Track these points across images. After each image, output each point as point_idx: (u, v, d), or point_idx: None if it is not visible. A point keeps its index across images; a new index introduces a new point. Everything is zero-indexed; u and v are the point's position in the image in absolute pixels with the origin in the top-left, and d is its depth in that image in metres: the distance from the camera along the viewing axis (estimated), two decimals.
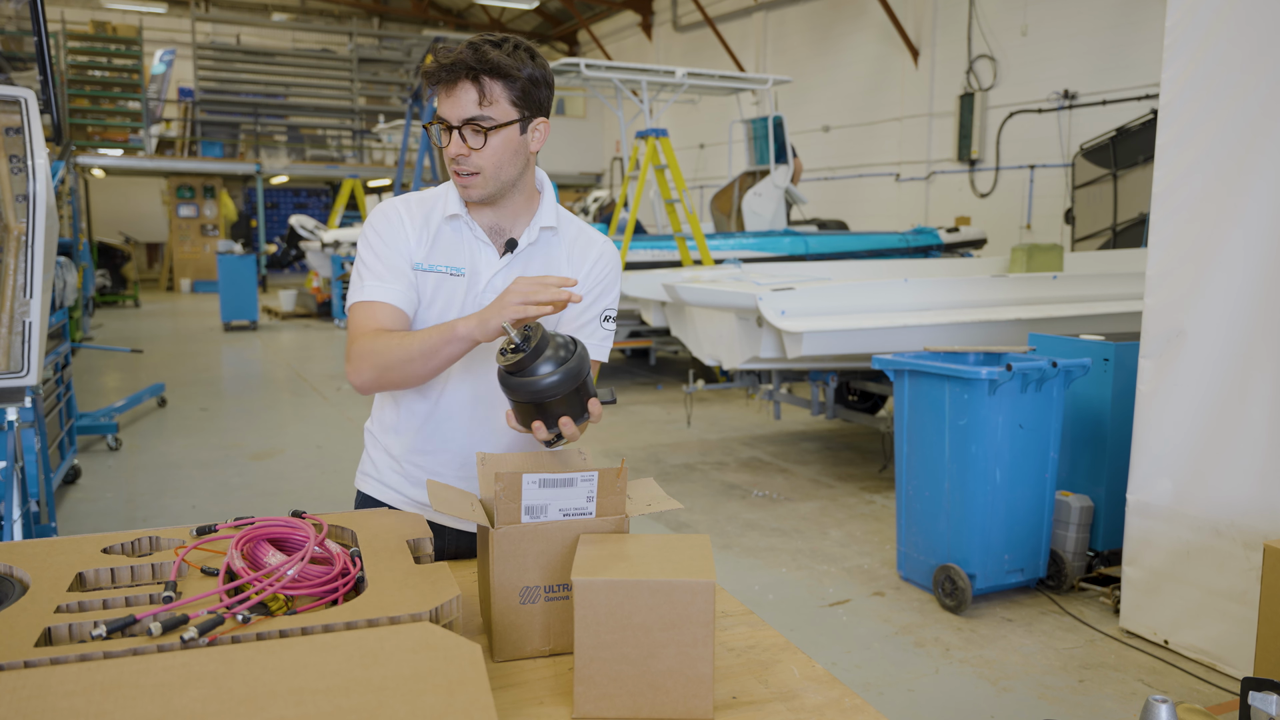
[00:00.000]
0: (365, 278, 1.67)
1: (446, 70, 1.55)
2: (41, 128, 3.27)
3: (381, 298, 1.65)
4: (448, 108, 1.57)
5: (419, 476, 1.77)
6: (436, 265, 1.69)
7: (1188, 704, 1.56)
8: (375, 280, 1.66)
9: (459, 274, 1.69)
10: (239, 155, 20.13)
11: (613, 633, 1.14)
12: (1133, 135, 9.65)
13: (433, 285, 1.69)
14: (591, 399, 1.40)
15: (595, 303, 1.76)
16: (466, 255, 1.70)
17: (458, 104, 1.56)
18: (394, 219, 1.70)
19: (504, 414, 1.72)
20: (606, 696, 1.14)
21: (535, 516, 1.26)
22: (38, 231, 3.16)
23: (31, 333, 3.11)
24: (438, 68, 1.56)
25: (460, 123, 1.57)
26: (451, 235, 1.70)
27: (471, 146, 1.58)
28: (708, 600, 1.13)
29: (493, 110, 1.57)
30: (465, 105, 1.56)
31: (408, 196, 1.74)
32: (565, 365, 1.33)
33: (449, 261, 1.69)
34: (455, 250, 1.70)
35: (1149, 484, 3.47)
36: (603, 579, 1.14)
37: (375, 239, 1.69)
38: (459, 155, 1.59)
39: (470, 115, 1.56)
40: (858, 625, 3.71)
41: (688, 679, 1.14)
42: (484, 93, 1.56)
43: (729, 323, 5.58)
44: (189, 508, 5.21)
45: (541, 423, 1.37)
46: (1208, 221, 3.26)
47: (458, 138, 1.58)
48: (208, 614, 1.06)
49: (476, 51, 1.54)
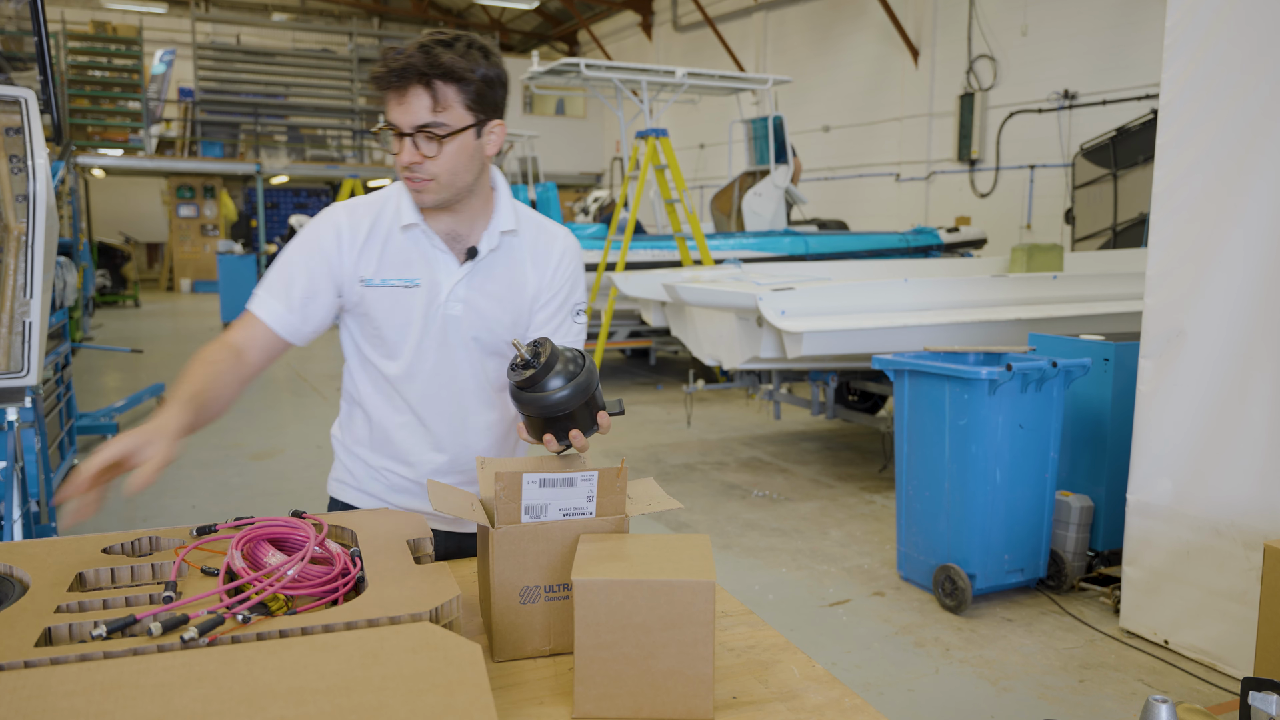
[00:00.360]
0: (265, 285, 1.62)
1: (396, 75, 1.47)
2: (41, 128, 3.27)
3: (261, 314, 1.60)
4: (399, 114, 1.50)
5: (400, 485, 1.75)
6: (389, 279, 1.62)
7: (1188, 704, 1.56)
8: (266, 292, 1.61)
9: (414, 285, 1.62)
10: (239, 155, 20.12)
11: (613, 632, 1.13)
12: (1133, 135, 9.65)
13: (388, 300, 1.63)
14: (600, 411, 1.41)
15: (566, 299, 1.73)
16: (423, 265, 1.63)
17: (409, 110, 1.49)
18: (328, 235, 1.62)
19: (481, 422, 1.71)
20: (606, 696, 1.14)
21: (535, 516, 1.26)
22: (38, 231, 3.16)
23: (31, 333, 3.11)
24: (386, 72, 1.48)
25: (413, 129, 1.50)
26: (406, 245, 1.64)
27: (425, 154, 1.52)
28: (708, 600, 1.13)
29: (447, 116, 1.50)
30: (418, 111, 1.49)
31: (354, 204, 1.66)
32: (575, 380, 1.35)
33: (403, 273, 1.62)
34: (409, 261, 1.63)
35: (1149, 484, 3.47)
36: (603, 579, 1.13)
37: (298, 251, 1.63)
38: (412, 163, 1.52)
39: (424, 121, 1.49)
40: (858, 625, 3.71)
41: (688, 679, 1.14)
42: (437, 98, 1.49)
43: (729, 323, 5.58)
44: (189, 508, 5.21)
45: (552, 435, 1.38)
46: (1208, 221, 3.26)
47: (410, 144, 1.51)
48: (208, 614, 1.06)
49: (428, 54, 1.47)
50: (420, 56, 1.47)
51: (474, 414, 1.72)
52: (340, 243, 1.62)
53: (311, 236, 1.64)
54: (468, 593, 1.49)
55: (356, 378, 1.75)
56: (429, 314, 1.64)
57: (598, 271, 8.43)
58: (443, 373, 1.68)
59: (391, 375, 1.69)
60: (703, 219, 11.97)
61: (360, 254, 1.63)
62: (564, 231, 1.77)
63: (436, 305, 1.64)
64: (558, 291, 1.72)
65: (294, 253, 1.63)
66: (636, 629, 1.13)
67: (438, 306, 1.64)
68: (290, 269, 1.62)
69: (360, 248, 1.63)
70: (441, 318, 1.65)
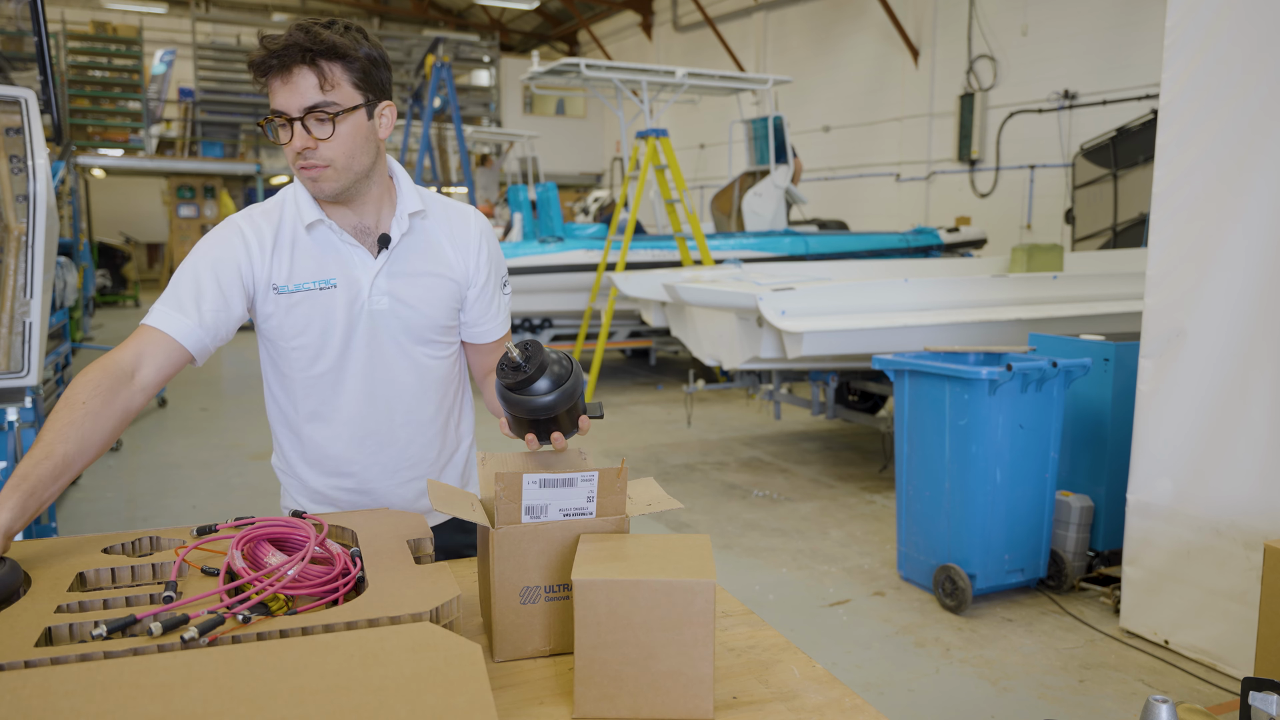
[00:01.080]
0: (165, 299, 1.50)
1: (278, 56, 1.41)
2: (42, 128, 3.28)
3: (165, 327, 1.47)
4: (285, 97, 1.44)
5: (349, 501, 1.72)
6: (303, 284, 1.56)
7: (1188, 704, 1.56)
8: (169, 307, 1.49)
9: (329, 286, 1.56)
10: (239, 155, 20.12)
11: (613, 633, 1.13)
12: (1133, 135, 9.65)
13: (305, 305, 1.56)
14: (582, 416, 1.43)
15: (491, 275, 1.72)
16: (337, 264, 1.57)
17: (296, 91, 1.43)
18: (234, 244, 1.54)
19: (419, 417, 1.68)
20: (607, 697, 1.14)
21: (535, 516, 1.26)
22: (38, 231, 3.16)
23: (32, 333, 3.11)
24: (266, 54, 1.42)
25: (302, 112, 1.44)
26: (313, 245, 1.57)
27: (318, 137, 1.46)
28: (708, 600, 1.13)
29: (336, 95, 1.45)
30: (305, 92, 1.43)
31: (250, 212, 1.59)
32: (562, 386, 1.36)
33: (317, 275, 1.56)
34: (322, 262, 1.57)
35: (1149, 484, 3.46)
36: (603, 579, 1.13)
37: (201, 263, 1.52)
38: (305, 148, 1.46)
39: (313, 102, 1.44)
40: (858, 625, 3.71)
41: (688, 679, 1.14)
42: (324, 76, 1.44)
43: (729, 323, 5.58)
44: (189, 508, 5.21)
45: (534, 435, 1.40)
46: (1208, 221, 3.26)
47: (301, 129, 1.45)
48: (208, 614, 1.06)
49: (308, 33, 1.42)
50: (301, 35, 1.42)
51: (412, 410, 1.69)
52: (250, 251, 1.54)
53: (216, 247, 1.54)
54: (468, 593, 1.49)
55: (279, 397, 1.68)
56: (352, 313, 1.59)
57: (598, 271, 8.43)
58: (375, 372, 1.63)
59: (319, 385, 1.63)
60: (703, 219, 11.97)
61: (271, 261, 1.55)
62: (472, 209, 1.74)
63: (360, 303, 1.59)
64: (485, 270, 1.71)
65: (200, 265, 1.52)
66: (637, 629, 1.13)
67: (361, 304, 1.59)
68: (198, 281, 1.51)
69: (270, 254, 1.55)
70: (367, 314, 1.60)
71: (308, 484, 1.72)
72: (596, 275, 8.45)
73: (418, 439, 1.71)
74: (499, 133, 16.18)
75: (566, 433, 1.41)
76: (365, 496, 1.72)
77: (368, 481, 1.70)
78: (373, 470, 1.70)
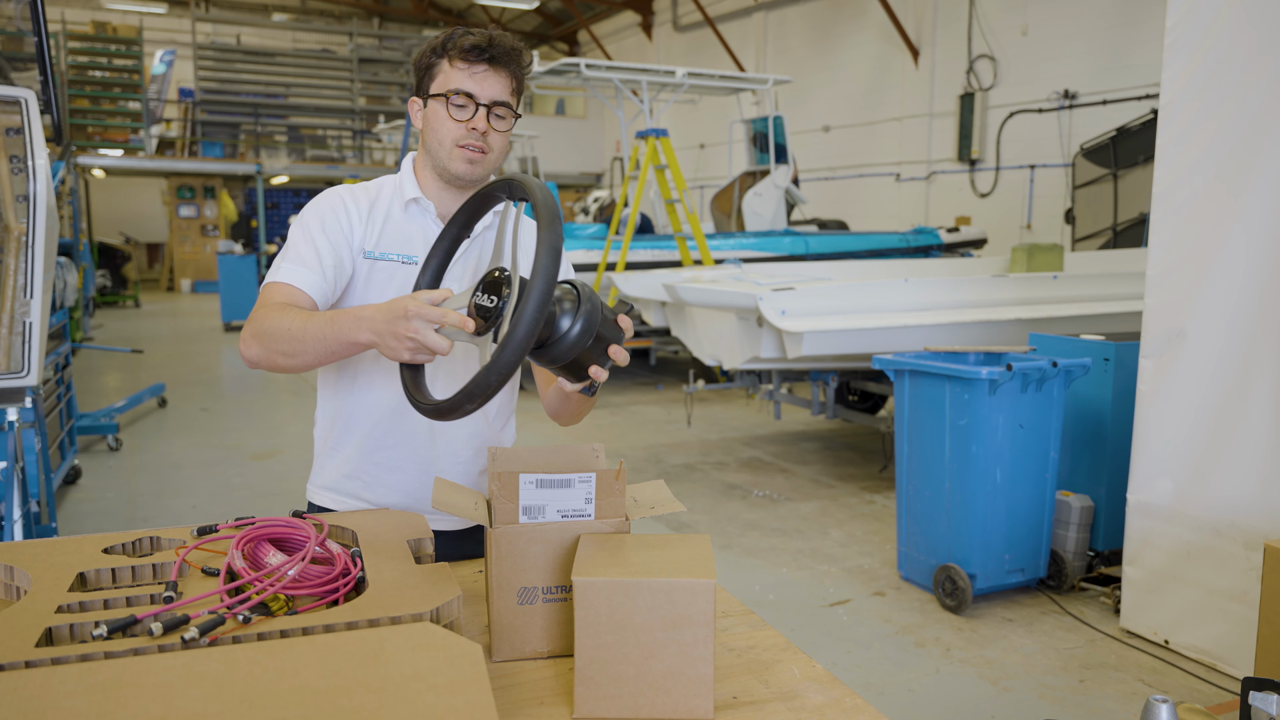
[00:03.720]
0: (285, 259, 1.60)
1: (498, 50, 1.59)
2: (42, 128, 3.27)
3: (293, 281, 1.57)
4: (480, 84, 1.60)
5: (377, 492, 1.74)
6: (388, 253, 1.67)
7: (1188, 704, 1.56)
8: (292, 265, 1.59)
9: (410, 262, 1.66)
10: (239, 155, 20.13)
11: (613, 633, 1.13)
12: (1133, 135, 9.65)
13: (384, 275, 1.66)
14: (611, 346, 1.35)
15: None
16: (423, 242, 1.67)
17: (495, 84, 1.61)
18: (337, 206, 1.66)
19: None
20: (607, 697, 1.14)
21: (533, 517, 1.26)
22: (38, 232, 3.16)
23: (32, 333, 3.11)
24: (488, 44, 1.59)
25: (490, 102, 1.61)
26: (405, 222, 1.69)
27: (497, 128, 1.63)
28: (708, 600, 1.13)
29: (513, 101, 1.65)
30: (500, 88, 1.61)
31: (351, 186, 1.72)
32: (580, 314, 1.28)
33: (401, 250, 1.67)
34: (409, 237, 1.68)
35: (1149, 484, 3.47)
36: (603, 579, 1.13)
37: (312, 223, 1.64)
38: (485, 131, 1.61)
39: (504, 99, 1.62)
40: (858, 625, 3.71)
41: (688, 679, 1.14)
42: (515, 84, 1.64)
43: (729, 323, 5.58)
44: (189, 508, 5.21)
45: (566, 378, 1.36)
46: (1208, 221, 3.26)
47: (483, 114, 1.61)
48: (209, 614, 1.06)
49: (512, 44, 1.62)
50: (511, 42, 1.62)
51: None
52: (350, 213, 1.67)
53: (322, 210, 1.66)
54: (469, 594, 1.49)
55: (343, 368, 1.73)
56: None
57: (598, 271, 8.43)
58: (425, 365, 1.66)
59: (372, 372, 1.69)
60: (703, 219, 11.97)
61: (366, 225, 1.67)
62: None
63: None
64: None
65: (310, 227, 1.63)
66: (637, 629, 1.13)
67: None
68: (313, 241, 1.62)
69: (365, 219, 1.67)
70: None
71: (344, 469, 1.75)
72: (596, 275, 8.45)
73: (456, 427, 1.72)
74: None
75: (600, 363, 1.35)
76: (396, 473, 1.72)
77: (399, 461, 1.72)
78: (403, 450, 1.72)
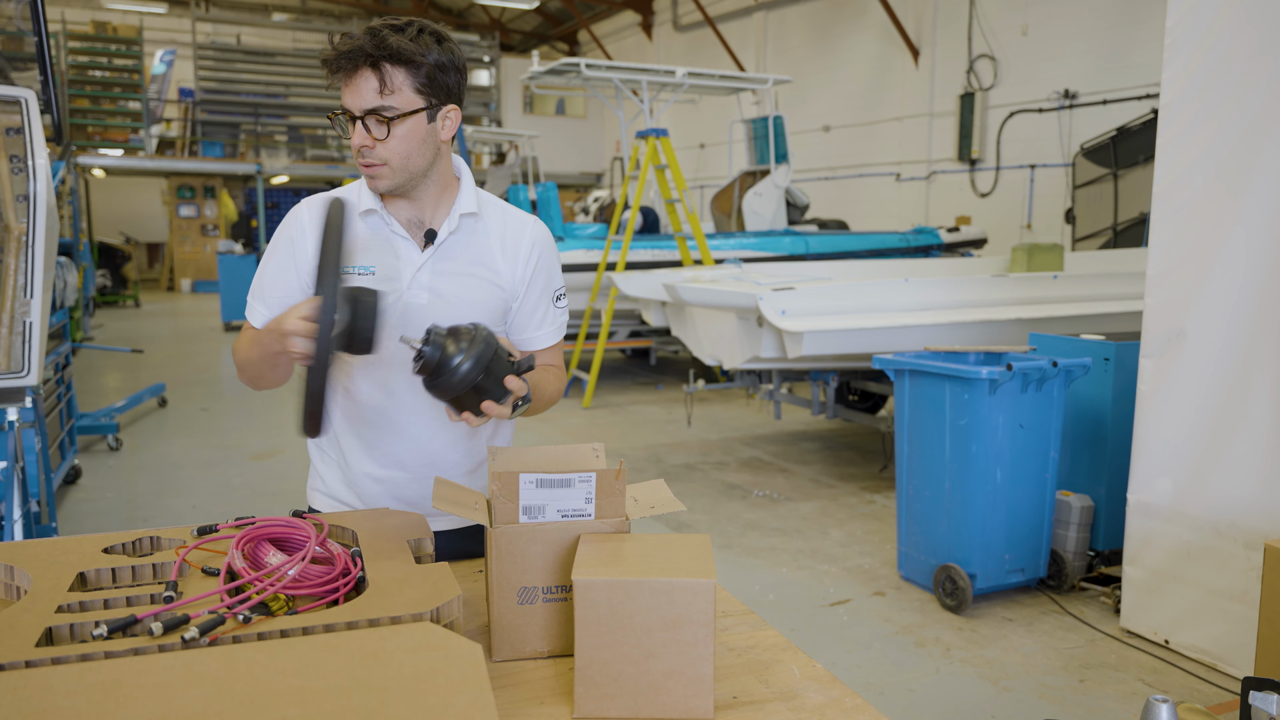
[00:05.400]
0: (252, 292, 1.70)
1: (345, 58, 1.49)
2: (42, 128, 3.28)
3: (251, 319, 1.68)
4: (349, 97, 1.52)
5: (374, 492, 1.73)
6: (344, 266, 1.66)
7: (1188, 704, 1.56)
8: (256, 300, 1.68)
9: (368, 273, 1.61)
10: (239, 155, 20.12)
11: (613, 633, 1.14)
12: (1133, 135, 9.64)
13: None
14: (508, 377, 1.43)
15: (545, 287, 1.74)
16: (380, 253, 1.63)
17: (359, 93, 1.50)
18: (293, 231, 1.67)
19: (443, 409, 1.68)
20: (607, 697, 1.14)
21: (533, 517, 1.26)
22: (38, 231, 3.16)
23: (32, 333, 3.11)
24: (335, 55, 1.50)
25: (362, 113, 1.51)
26: (365, 233, 1.64)
27: (375, 137, 1.53)
28: (708, 600, 1.13)
29: (395, 99, 1.51)
30: (366, 95, 1.50)
31: (321, 197, 1.69)
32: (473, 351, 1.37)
33: (358, 261, 1.63)
34: (366, 248, 1.63)
35: (1149, 484, 3.46)
36: (603, 578, 1.14)
37: (269, 255, 1.69)
38: (363, 146, 1.54)
39: (372, 105, 1.50)
40: (858, 625, 3.71)
41: (688, 679, 1.14)
42: (385, 81, 1.50)
43: (729, 322, 5.58)
44: (190, 508, 5.21)
45: (469, 412, 1.42)
46: (1208, 221, 3.26)
47: (361, 128, 1.53)
48: (209, 614, 1.06)
49: (375, 38, 1.48)
50: (368, 40, 1.49)
51: (432, 405, 1.67)
52: (305, 235, 1.65)
53: (278, 239, 1.70)
54: (469, 594, 1.49)
55: None
56: (394, 303, 1.62)
57: (598, 271, 8.43)
58: (396, 363, 1.64)
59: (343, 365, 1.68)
60: (703, 219, 11.97)
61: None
62: (532, 219, 1.76)
63: (399, 293, 1.63)
64: (535, 280, 1.72)
65: (268, 258, 1.70)
66: (637, 629, 1.14)
67: (400, 294, 1.63)
68: (264, 276, 1.69)
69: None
70: (402, 306, 1.62)
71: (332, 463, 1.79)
72: (597, 275, 8.45)
73: (439, 437, 1.71)
74: (499, 132, 16.18)
75: (496, 397, 1.42)
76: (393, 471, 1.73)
77: (387, 468, 1.72)
78: (388, 460, 1.71)
